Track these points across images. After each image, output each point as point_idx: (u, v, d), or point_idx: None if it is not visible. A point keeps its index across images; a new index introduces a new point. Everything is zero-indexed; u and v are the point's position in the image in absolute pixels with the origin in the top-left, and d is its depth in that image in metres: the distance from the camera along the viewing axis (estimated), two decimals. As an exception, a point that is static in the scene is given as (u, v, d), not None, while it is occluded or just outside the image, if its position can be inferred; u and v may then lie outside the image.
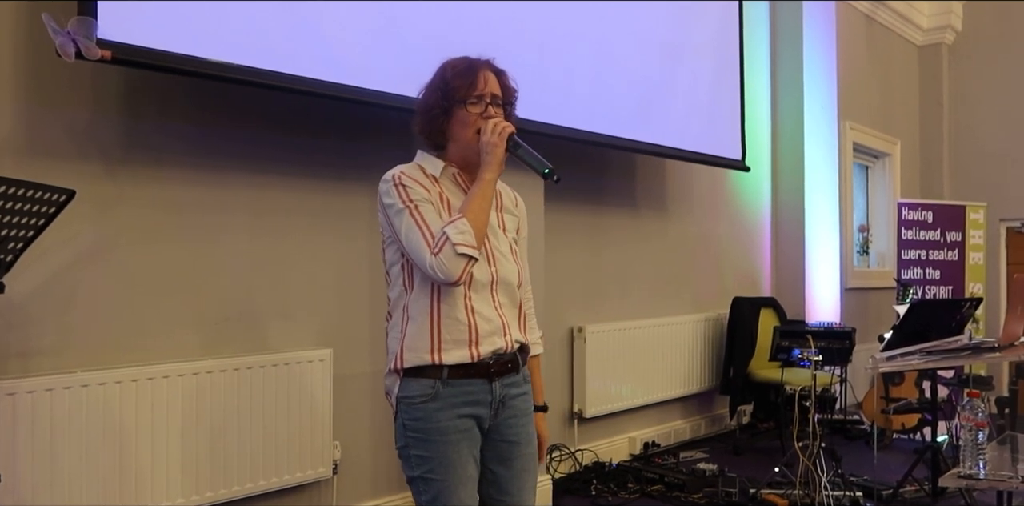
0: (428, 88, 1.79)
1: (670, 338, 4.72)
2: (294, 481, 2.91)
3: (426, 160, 1.80)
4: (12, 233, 1.85)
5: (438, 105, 1.74)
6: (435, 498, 1.68)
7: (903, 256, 5.77)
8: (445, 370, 1.67)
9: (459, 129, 1.74)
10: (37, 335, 2.39)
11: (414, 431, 1.69)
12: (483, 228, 1.67)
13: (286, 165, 3.00)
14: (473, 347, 1.68)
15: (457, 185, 1.79)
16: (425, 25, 3.04)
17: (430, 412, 1.67)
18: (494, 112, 1.75)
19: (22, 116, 2.37)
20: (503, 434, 1.77)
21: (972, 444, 2.24)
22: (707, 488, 3.77)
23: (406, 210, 1.65)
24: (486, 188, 1.69)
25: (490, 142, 1.69)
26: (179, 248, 2.72)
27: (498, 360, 1.73)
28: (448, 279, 1.60)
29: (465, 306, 1.68)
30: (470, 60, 1.77)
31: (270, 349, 2.93)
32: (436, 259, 1.59)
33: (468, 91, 1.73)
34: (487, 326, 1.70)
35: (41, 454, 2.29)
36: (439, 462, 1.67)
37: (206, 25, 2.46)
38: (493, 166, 1.70)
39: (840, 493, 3.44)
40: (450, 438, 1.68)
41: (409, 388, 1.70)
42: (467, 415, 1.70)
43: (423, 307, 1.68)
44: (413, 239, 1.63)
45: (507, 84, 1.80)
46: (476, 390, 1.71)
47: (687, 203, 5.09)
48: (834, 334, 3.82)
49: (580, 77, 3.78)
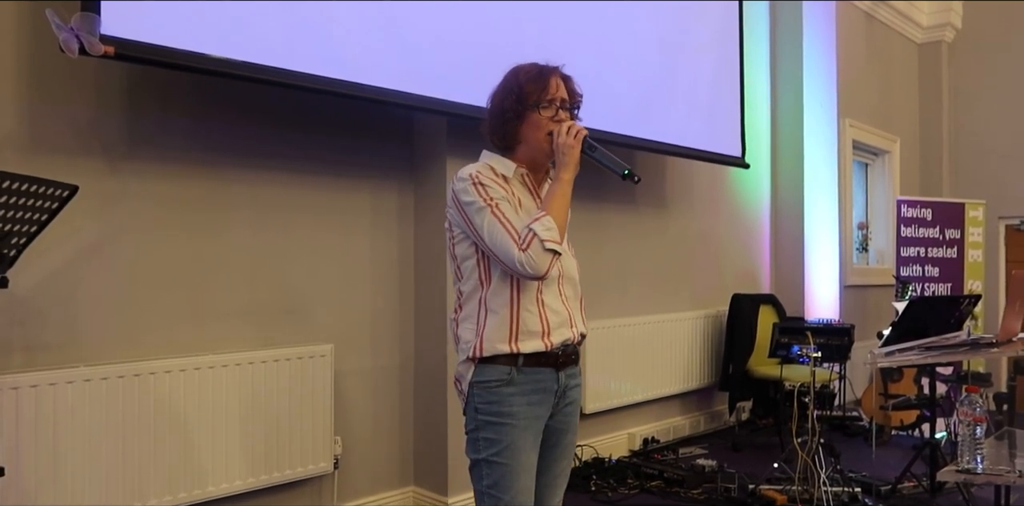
0: (500, 92, 1.85)
1: (670, 335, 4.73)
2: (295, 476, 2.92)
3: (496, 161, 1.86)
4: (15, 228, 1.85)
5: (512, 109, 1.81)
6: (497, 482, 1.74)
7: (902, 253, 5.77)
8: (521, 358, 1.76)
9: (530, 132, 1.82)
10: (40, 330, 2.40)
11: (487, 414, 1.76)
12: (564, 225, 1.76)
13: (288, 161, 3.01)
14: (546, 337, 1.77)
15: (525, 186, 1.86)
16: (426, 22, 3.05)
17: (504, 396, 1.75)
18: (564, 116, 1.83)
19: (25, 112, 2.38)
20: (557, 421, 1.85)
21: (970, 439, 2.25)
22: (706, 484, 3.78)
23: (487, 208, 1.72)
24: (565, 188, 1.77)
25: (566, 144, 1.77)
26: (181, 243, 2.72)
27: (565, 351, 1.82)
28: (536, 273, 1.69)
29: (537, 300, 1.77)
30: (541, 66, 1.86)
31: (272, 344, 2.94)
32: (525, 255, 1.67)
33: (540, 95, 1.81)
34: (556, 318, 1.79)
35: (44, 448, 2.30)
36: (507, 446, 1.74)
37: (209, 21, 2.47)
38: (571, 167, 1.77)
39: (839, 489, 3.46)
40: (520, 423, 1.75)
41: (485, 373, 1.77)
42: (537, 403, 1.78)
43: (503, 300, 1.76)
44: (498, 236, 1.70)
45: (574, 89, 1.90)
46: (545, 379, 1.80)
47: (687, 200, 5.10)
48: (833, 331, 3.84)
49: (580, 74, 3.69)
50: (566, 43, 3.68)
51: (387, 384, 3.36)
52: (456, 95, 3.09)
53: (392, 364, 3.39)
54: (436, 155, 3.30)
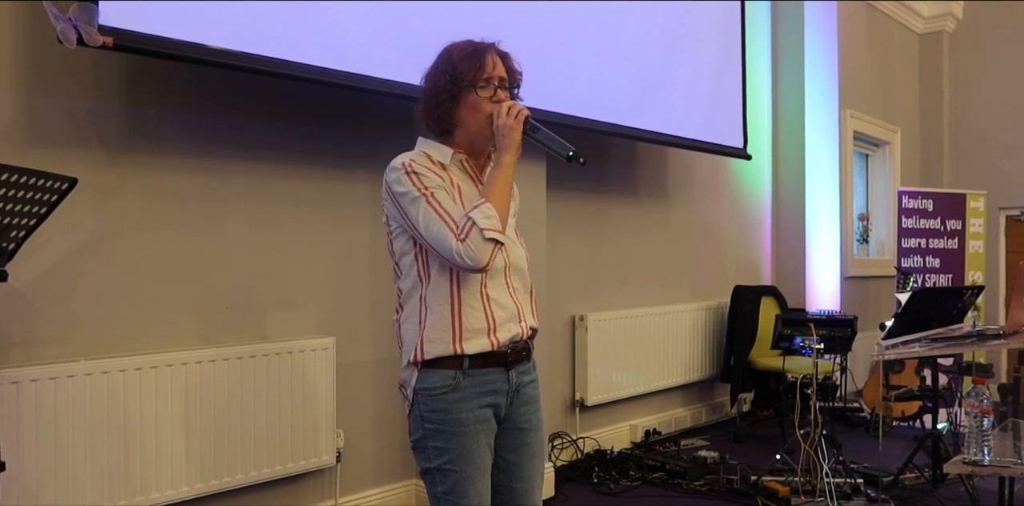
0: (433, 73, 1.74)
1: (671, 326, 4.72)
2: (297, 469, 2.91)
3: (431, 147, 1.75)
4: (14, 221, 1.84)
5: (446, 90, 1.69)
6: (451, 489, 1.65)
7: (903, 244, 5.76)
8: (466, 360, 1.65)
9: (468, 114, 1.70)
10: (40, 324, 2.38)
11: (433, 422, 1.66)
12: (506, 212, 1.65)
13: (287, 153, 2.99)
14: (492, 335, 1.66)
15: (465, 172, 1.75)
16: (425, 12, 3.02)
17: (451, 403, 1.65)
18: (502, 95, 1.71)
19: (23, 103, 2.36)
20: (515, 421, 1.76)
21: (977, 431, 2.25)
22: (708, 475, 3.78)
23: (422, 198, 1.61)
24: (506, 172, 1.66)
25: (506, 125, 1.65)
26: (181, 236, 2.71)
27: (514, 348, 1.72)
28: (476, 265, 1.58)
29: (481, 294, 1.66)
30: (476, 43, 1.72)
31: (272, 338, 2.93)
32: (463, 245, 1.56)
33: (477, 75, 1.68)
34: (503, 313, 1.69)
35: (45, 442, 2.29)
36: (458, 453, 1.65)
37: (208, 12, 2.45)
38: (512, 149, 1.66)
39: (841, 480, 3.46)
40: (469, 429, 1.66)
41: (429, 379, 1.66)
42: (486, 405, 1.68)
43: (442, 297, 1.65)
44: (434, 227, 1.59)
45: (512, 67, 1.77)
46: (495, 379, 1.69)
47: (688, 191, 5.08)
48: (836, 322, 3.82)
49: (581, 65, 3.76)
50: (567, 34, 3.66)
51: (389, 377, 3.34)
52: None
53: (394, 357, 3.35)
54: (437, 147, 3.27)
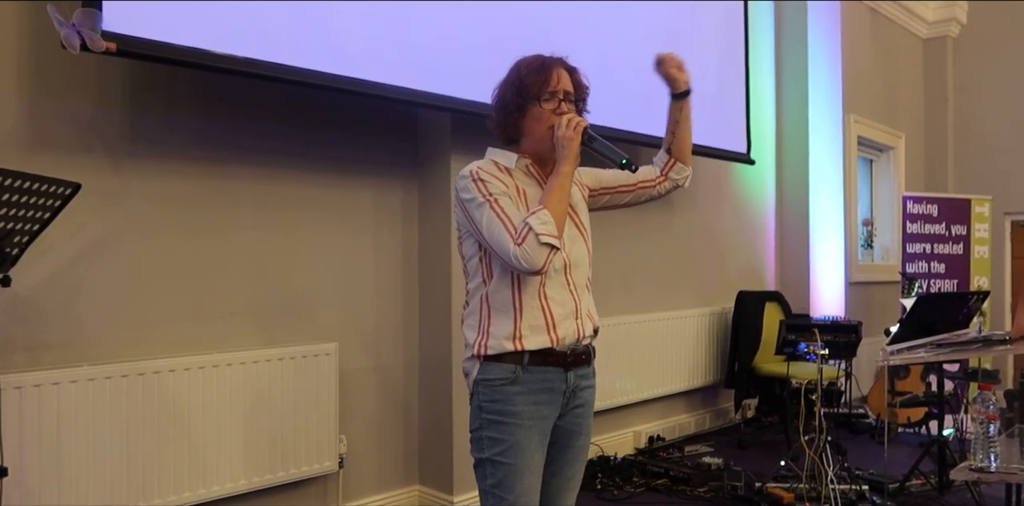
0: (503, 85, 1.84)
1: (675, 332, 4.71)
2: (300, 475, 2.91)
3: (498, 154, 1.86)
4: (18, 226, 1.84)
5: (513, 101, 1.80)
6: (500, 481, 1.72)
7: (908, 250, 5.74)
8: (526, 356, 1.73)
9: (533, 124, 1.80)
10: (43, 329, 2.38)
11: (490, 413, 1.74)
12: (563, 218, 1.73)
13: (291, 158, 2.99)
14: (552, 331, 1.75)
15: (531, 176, 1.84)
16: (430, 17, 3.03)
17: (509, 395, 1.73)
18: (566, 108, 1.81)
19: (27, 109, 2.36)
20: (567, 421, 1.83)
21: (983, 437, 2.23)
22: (712, 482, 3.76)
23: (486, 203, 1.71)
24: (564, 181, 1.74)
25: (565, 136, 1.75)
26: (184, 242, 2.71)
27: (574, 350, 1.79)
28: (532, 268, 1.66)
29: (540, 294, 1.75)
30: (543, 58, 1.84)
31: (276, 343, 2.93)
32: (520, 249, 1.65)
33: (542, 88, 1.79)
34: (561, 310, 1.76)
35: (48, 448, 2.29)
36: (511, 445, 1.72)
37: (211, 17, 2.45)
38: (570, 159, 1.75)
39: (846, 487, 3.44)
40: (525, 422, 1.73)
41: (490, 371, 1.75)
42: (543, 403, 1.76)
43: (504, 297, 1.74)
44: (495, 231, 1.68)
45: (580, 81, 1.88)
46: (553, 378, 1.77)
47: (692, 197, 5.07)
48: (841, 328, 3.81)
49: (585, 68, 3.73)
50: (570, 37, 3.65)
51: (392, 382, 3.34)
52: (460, 91, 3.06)
53: (396, 362, 3.37)
54: (440, 152, 3.28)
